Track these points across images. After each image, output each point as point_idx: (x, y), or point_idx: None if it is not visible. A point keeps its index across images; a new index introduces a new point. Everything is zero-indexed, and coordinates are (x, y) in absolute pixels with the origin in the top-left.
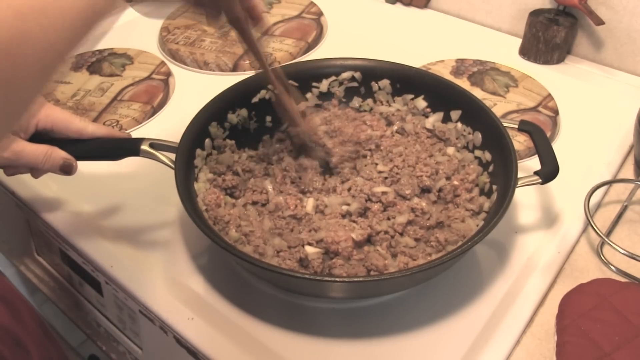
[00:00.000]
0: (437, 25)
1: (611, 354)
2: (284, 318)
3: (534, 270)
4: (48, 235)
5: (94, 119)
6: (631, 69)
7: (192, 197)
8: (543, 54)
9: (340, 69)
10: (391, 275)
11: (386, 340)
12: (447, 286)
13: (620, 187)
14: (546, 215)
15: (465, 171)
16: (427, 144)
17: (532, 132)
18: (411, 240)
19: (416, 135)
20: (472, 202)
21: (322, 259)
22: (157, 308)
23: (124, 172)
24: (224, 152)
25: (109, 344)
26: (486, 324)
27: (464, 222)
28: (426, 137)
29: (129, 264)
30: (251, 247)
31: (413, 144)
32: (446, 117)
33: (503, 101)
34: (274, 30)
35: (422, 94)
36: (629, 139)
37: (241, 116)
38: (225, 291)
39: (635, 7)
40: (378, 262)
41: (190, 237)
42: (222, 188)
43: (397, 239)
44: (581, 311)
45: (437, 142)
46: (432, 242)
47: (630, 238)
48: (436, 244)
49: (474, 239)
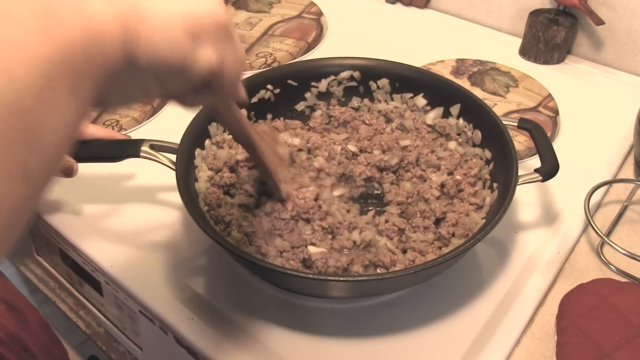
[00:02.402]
0: (437, 25)
1: (611, 354)
2: (284, 318)
3: (534, 270)
4: (48, 236)
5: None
6: (631, 69)
7: (193, 198)
8: (543, 54)
9: (339, 69)
10: (394, 273)
11: (386, 339)
12: (448, 285)
13: (620, 187)
14: (546, 215)
15: (468, 165)
16: (429, 139)
17: (532, 130)
18: (420, 234)
19: (417, 130)
20: (476, 196)
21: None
22: (157, 308)
23: (124, 173)
24: (222, 148)
25: (109, 344)
26: (486, 324)
27: (468, 216)
28: (427, 133)
29: (129, 264)
30: (254, 247)
31: (414, 140)
32: (446, 113)
33: (503, 101)
34: (274, 30)
35: (421, 93)
36: (629, 139)
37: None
38: (225, 291)
39: (635, 7)
40: (385, 258)
41: (190, 238)
42: (220, 186)
43: (407, 233)
44: (581, 311)
45: (438, 137)
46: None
47: (630, 238)
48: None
49: (476, 236)
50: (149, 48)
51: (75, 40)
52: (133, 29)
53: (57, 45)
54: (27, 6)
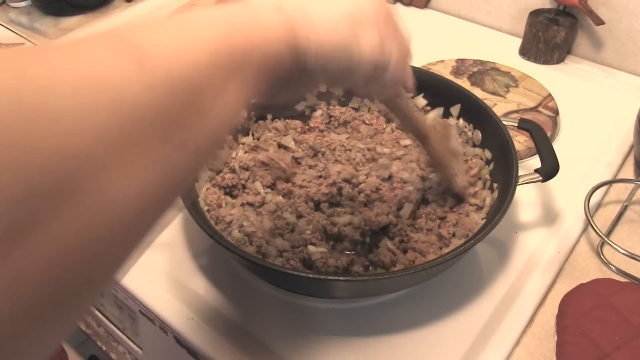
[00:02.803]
0: (437, 25)
1: (611, 354)
2: (284, 318)
3: (534, 270)
4: None
5: None
6: (631, 69)
7: (193, 198)
8: (543, 54)
9: None
10: (394, 273)
11: (386, 339)
12: (448, 285)
13: (620, 187)
14: (546, 215)
15: (468, 165)
16: None
17: (532, 130)
18: (422, 235)
19: None
20: (476, 197)
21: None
22: (157, 308)
23: None
24: (222, 148)
25: (109, 344)
26: (486, 324)
27: (468, 216)
28: None
29: (129, 264)
30: (254, 247)
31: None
32: (446, 113)
33: (503, 101)
34: None
35: (421, 93)
36: (629, 139)
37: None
38: (225, 291)
39: (635, 7)
40: (385, 258)
41: (191, 237)
42: (221, 187)
43: (408, 234)
44: (581, 311)
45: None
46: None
47: (630, 238)
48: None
49: (476, 236)
50: (317, 51)
51: (249, 45)
52: (303, 36)
53: (234, 49)
54: (210, 18)
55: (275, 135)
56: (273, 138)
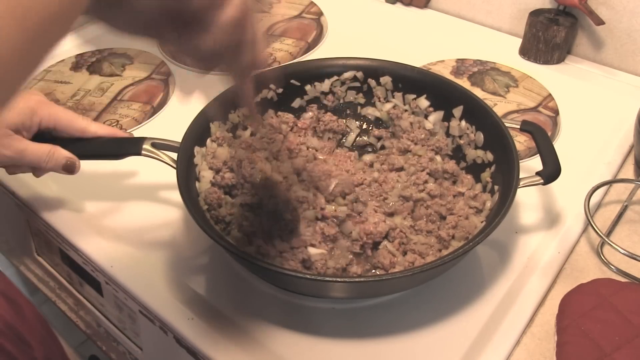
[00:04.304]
0: (437, 25)
1: (611, 354)
2: (284, 318)
3: (535, 270)
4: (48, 235)
5: (94, 119)
6: (631, 69)
7: (193, 197)
8: (543, 54)
9: (342, 69)
10: (392, 275)
11: (386, 339)
12: (448, 286)
13: (620, 187)
14: (546, 215)
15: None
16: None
17: (534, 133)
18: (422, 237)
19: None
20: (476, 200)
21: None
22: (157, 308)
23: (125, 172)
24: (222, 146)
25: (109, 344)
26: (486, 324)
27: (467, 219)
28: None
29: (129, 264)
30: (253, 247)
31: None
32: (448, 115)
33: (503, 101)
34: (274, 30)
35: (424, 94)
36: (629, 139)
37: (243, 115)
38: (225, 291)
39: (635, 7)
40: (385, 260)
41: (191, 237)
42: (221, 186)
43: (409, 235)
44: (581, 311)
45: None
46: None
47: (630, 238)
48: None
49: (476, 239)
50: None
51: None
52: None
53: None
54: None
55: (270, 131)
56: (268, 135)
